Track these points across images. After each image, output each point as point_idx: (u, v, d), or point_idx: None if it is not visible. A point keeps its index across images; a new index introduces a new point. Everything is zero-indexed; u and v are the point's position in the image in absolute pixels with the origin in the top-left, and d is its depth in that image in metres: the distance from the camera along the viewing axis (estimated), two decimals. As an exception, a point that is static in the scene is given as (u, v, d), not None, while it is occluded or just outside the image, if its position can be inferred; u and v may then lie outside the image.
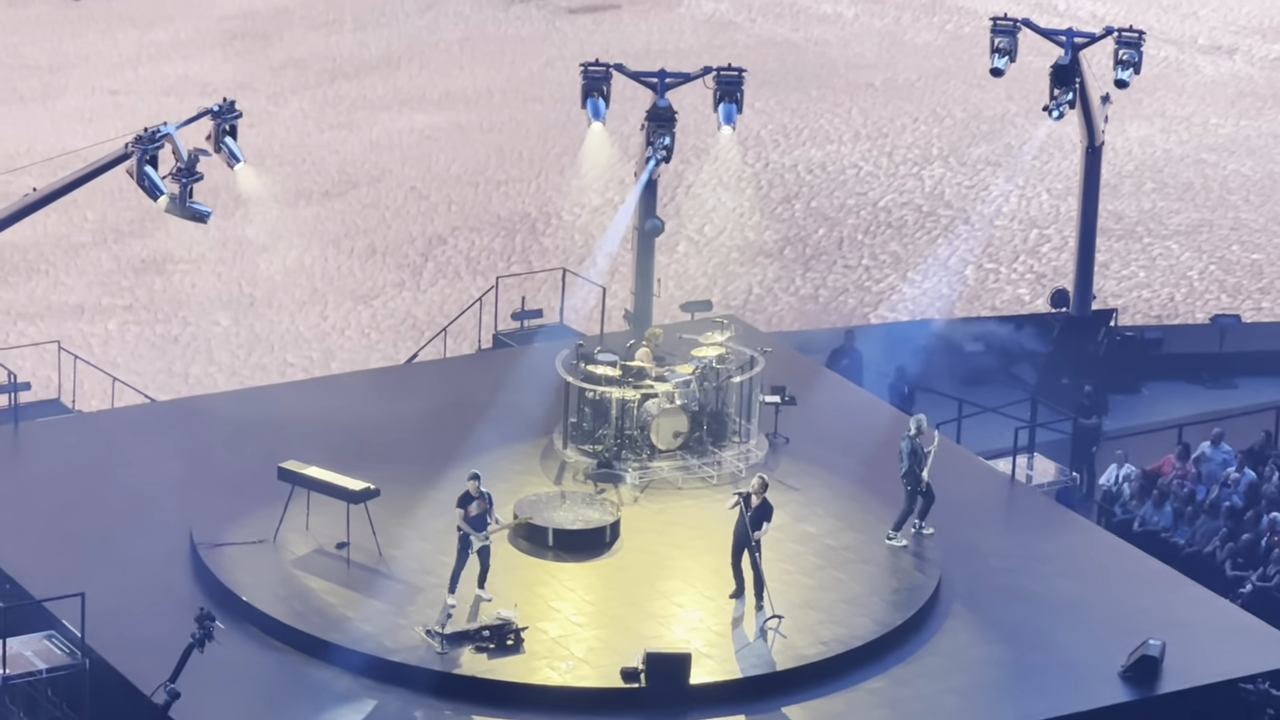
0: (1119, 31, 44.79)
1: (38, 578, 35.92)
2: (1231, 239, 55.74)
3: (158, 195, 40.26)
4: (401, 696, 33.59)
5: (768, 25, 72.38)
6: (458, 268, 53.08)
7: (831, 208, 57.27)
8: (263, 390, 44.80)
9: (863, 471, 40.19)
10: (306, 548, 37.16)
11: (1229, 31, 71.93)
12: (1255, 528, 40.45)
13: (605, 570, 37.34)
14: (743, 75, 44.32)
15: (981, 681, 35.15)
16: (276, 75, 67.85)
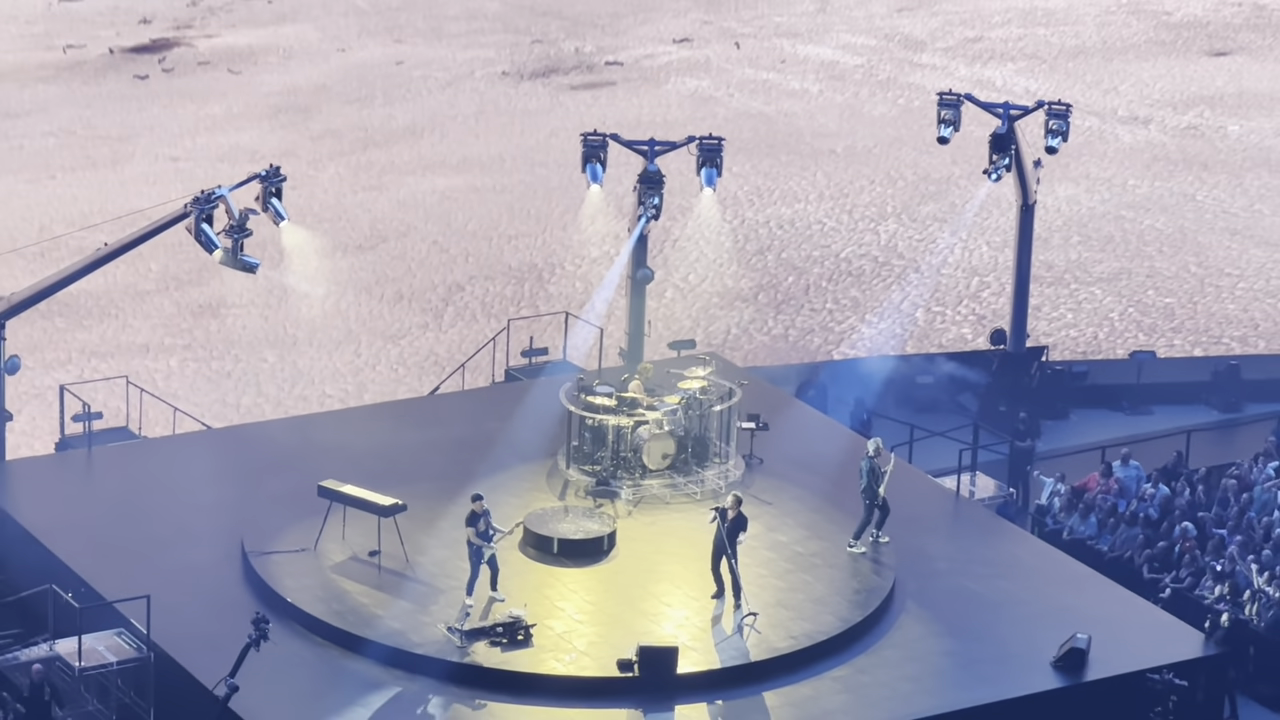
0: (1049, 105, 45.28)
1: (109, 582, 36.15)
2: (1147, 285, 56.17)
3: (213, 249, 40.83)
4: (425, 685, 33.93)
5: (743, 100, 72.63)
6: (474, 311, 53.45)
7: (799, 258, 57.70)
8: (304, 418, 45.25)
9: (827, 488, 40.36)
10: (343, 555, 37.46)
11: (1144, 104, 72.38)
12: (1169, 536, 40.87)
13: (603, 574, 37.67)
14: (722, 143, 44.82)
15: (931, 670, 35.53)
16: (315, 144, 68.06)
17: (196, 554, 38.07)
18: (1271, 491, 42.62)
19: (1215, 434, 46.29)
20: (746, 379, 44.09)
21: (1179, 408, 48.06)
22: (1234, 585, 39.08)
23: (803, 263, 57.38)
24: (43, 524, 39.10)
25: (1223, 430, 46.79)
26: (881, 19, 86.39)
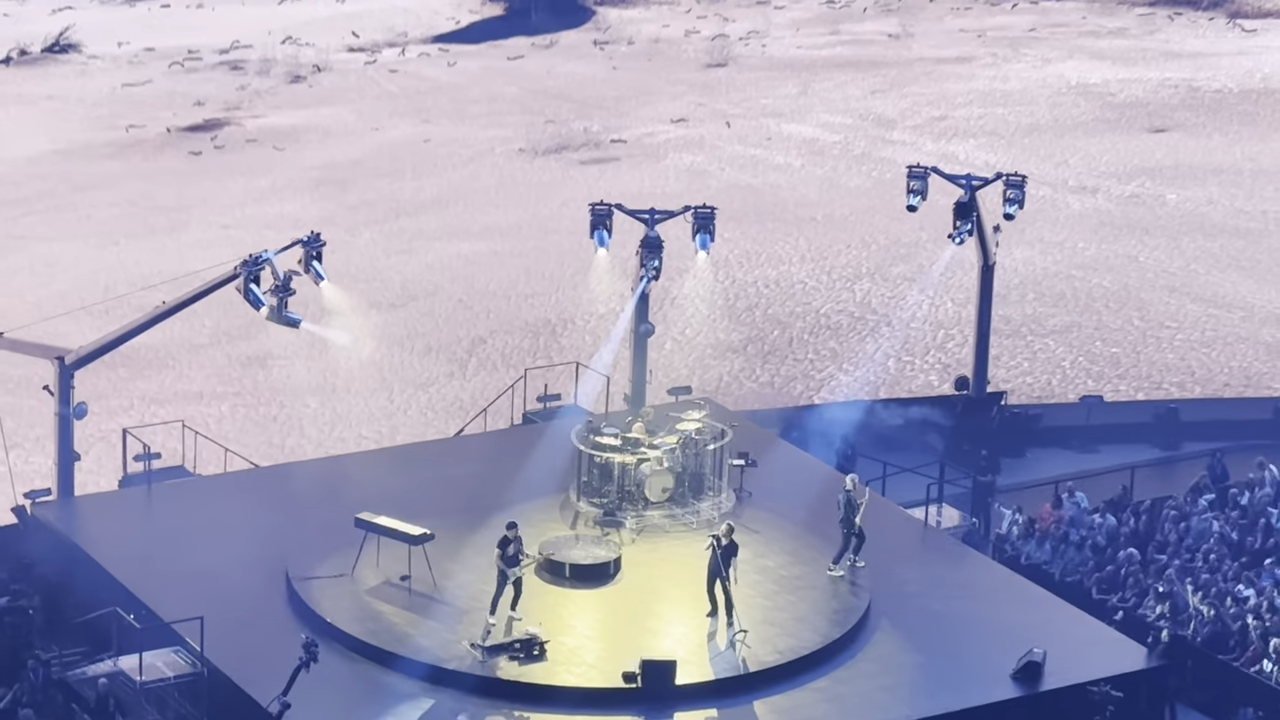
0: (1007, 176, 45.27)
1: (166, 604, 36.14)
2: (1095, 337, 56.19)
3: (259, 306, 40.90)
4: (452, 696, 33.98)
5: (734, 173, 72.74)
6: (494, 362, 53.46)
7: (783, 314, 57.73)
8: (342, 458, 45.26)
9: (808, 518, 40.30)
10: (377, 580, 37.40)
11: (1092, 176, 72.53)
12: (1115, 561, 40.86)
13: (610, 596, 37.61)
14: (714, 212, 44.87)
15: (903, 681, 35.55)
16: (352, 213, 68.20)
17: (245, 579, 38.10)
18: (1206, 521, 42.63)
19: (1156, 470, 46.26)
20: (737, 422, 44.08)
21: (1124, 446, 47.96)
22: (1173, 605, 39.06)
23: (786, 318, 57.44)
24: (107, 553, 39.14)
25: (1163, 467, 46.75)
26: (856, 100, 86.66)
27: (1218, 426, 48.87)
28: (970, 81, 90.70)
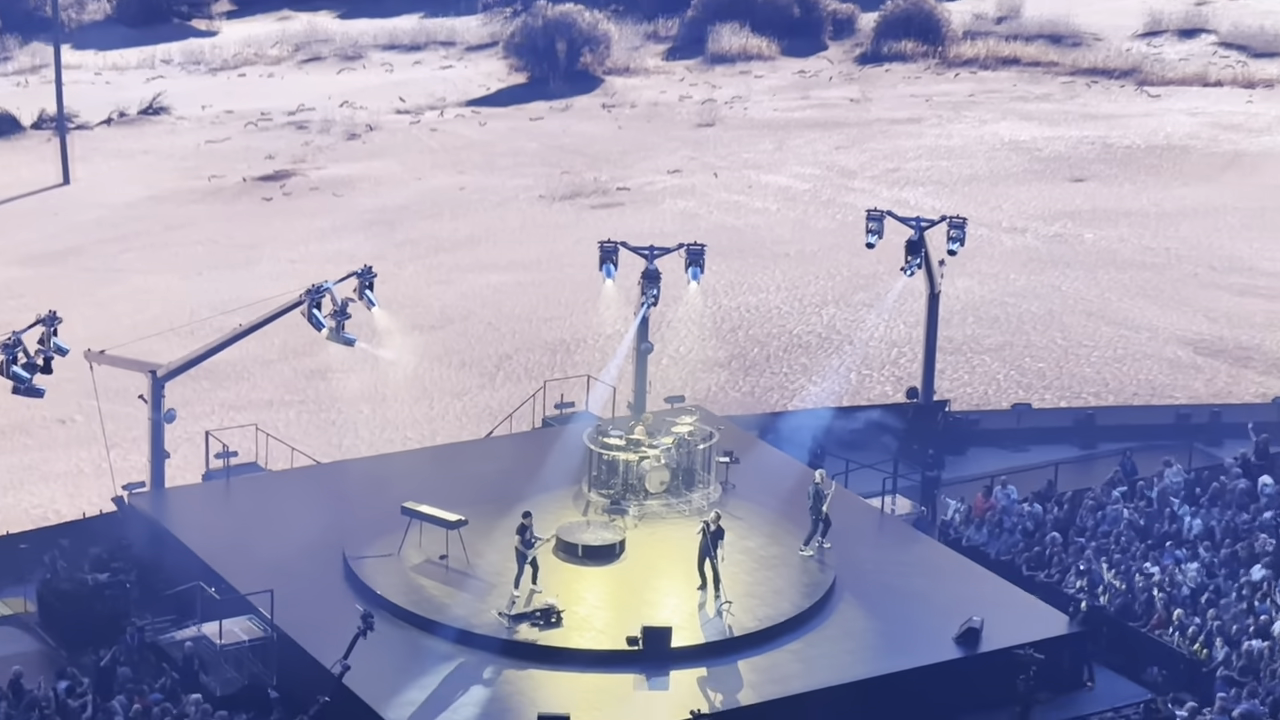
0: (950, 219, 45.31)
1: (243, 579, 36.58)
2: (1024, 354, 56.12)
3: (320, 328, 41.03)
4: (481, 657, 34.53)
5: (720, 216, 72.70)
6: (518, 375, 53.41)
7: (762, 335, 57.67)
8: (390, 456, 45.38)
9: (783, 506, 40.60)
10: (419, 558, 37.76)
11: (1021, 218, 72.52)
12: (1041, 543, 40.87)
13: (616, 572, 37.96)
14: (704, 248, 44.93)
15: (863, 644, 36.09)
16: (398, 249, 68.17)
17: (308, 558, 38.52)
18: (1118, 510, 42.72)
19: (1076, 466, 46.36)
20: (722, 425, 44.64)
21: (1048, 446, 47.98)
22: (1090, 580, 39.21)
23: (764, 338, 57.44)
24: (192, 536, 39.36)
25: (1082, 464, 46.86)
26: (824, 155, 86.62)
27: (1127, 430, 48.94)
28: (919, 139, 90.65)
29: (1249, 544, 40.40)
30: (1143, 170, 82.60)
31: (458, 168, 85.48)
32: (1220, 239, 70.18)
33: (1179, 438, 47.97)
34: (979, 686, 34.69)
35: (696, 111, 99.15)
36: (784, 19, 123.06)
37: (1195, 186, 79.32)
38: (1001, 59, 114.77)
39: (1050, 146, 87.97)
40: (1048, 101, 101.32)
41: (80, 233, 74.76)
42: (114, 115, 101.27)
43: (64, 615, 37.69)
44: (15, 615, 38.74)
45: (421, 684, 33.31)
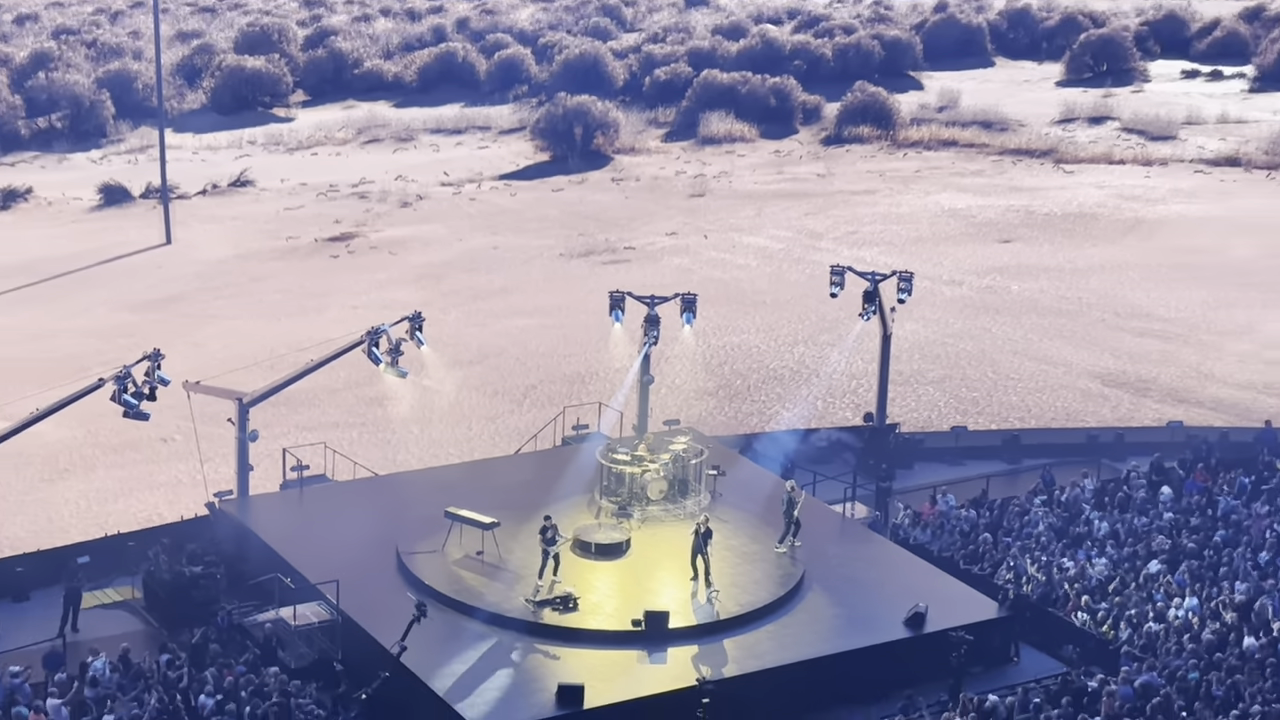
0: (899, 273, 45.28)
1: (313, 571, 36.69)
2: (961, 385, 56.22)
3: (378, 363, 41.26)
4: (511, 636, 34.67)
5: (709, 270, 72.94)
6: (542, 402, 53.49)
7: (743, 369, 57.80)
8: (436, 469, 45.42)
9: (761, 511, 40.58)
10: (460, 553, 37.79)
11: (959, 273, 72.71)
12: (975, 542, 40.85)
13: (623, 566, 38.00)
14: (695, 298, 45.11)
15: (828, 626, 36.16)
16: (444, 297, 68.30)
17: (367, 553, 38.64)
18: (1039, 515, 42.79)
19: (1004, 479, 46.42)
20: (711, 444, 45.01)
21: (981, 462, 48.04)
22: (1016, 573, 39.19)
23: (746, 371, 57.61)
24: (272, 535, 39.51)
25: (1009, 476, 46.89)
26: (795, 220, 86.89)
27: (1047, 449, 49.04)
28: (874, 207, 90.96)
29: (1147, 543, 40.52)
30: (1059, 233, 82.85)
31: (492, 230, 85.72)
32: (1123, 290, 70.30)
33: (1089, 455, 47.90)
34: (923, 661, 34.62)
35: (689, 184, 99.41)
36: (762, 107, 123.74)
37: (1102, 247, 79.56)
38: (942, 141, 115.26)
39: (982, 214, 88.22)
40: (980, 176, 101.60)
41: (179, 284, 74.95)
42: (208, 187, 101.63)
43: (165, 601, 37.82)
44: (125, 601, 38.88)
45: (462, 659, 33.37)
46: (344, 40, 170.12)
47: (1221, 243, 79.79)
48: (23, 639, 36.20)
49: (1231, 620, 36.30)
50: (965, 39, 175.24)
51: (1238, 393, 55.52)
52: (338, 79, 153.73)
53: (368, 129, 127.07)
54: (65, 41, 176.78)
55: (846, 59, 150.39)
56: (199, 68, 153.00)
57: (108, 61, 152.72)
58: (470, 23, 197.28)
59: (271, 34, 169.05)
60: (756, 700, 32.74)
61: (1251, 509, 42.74)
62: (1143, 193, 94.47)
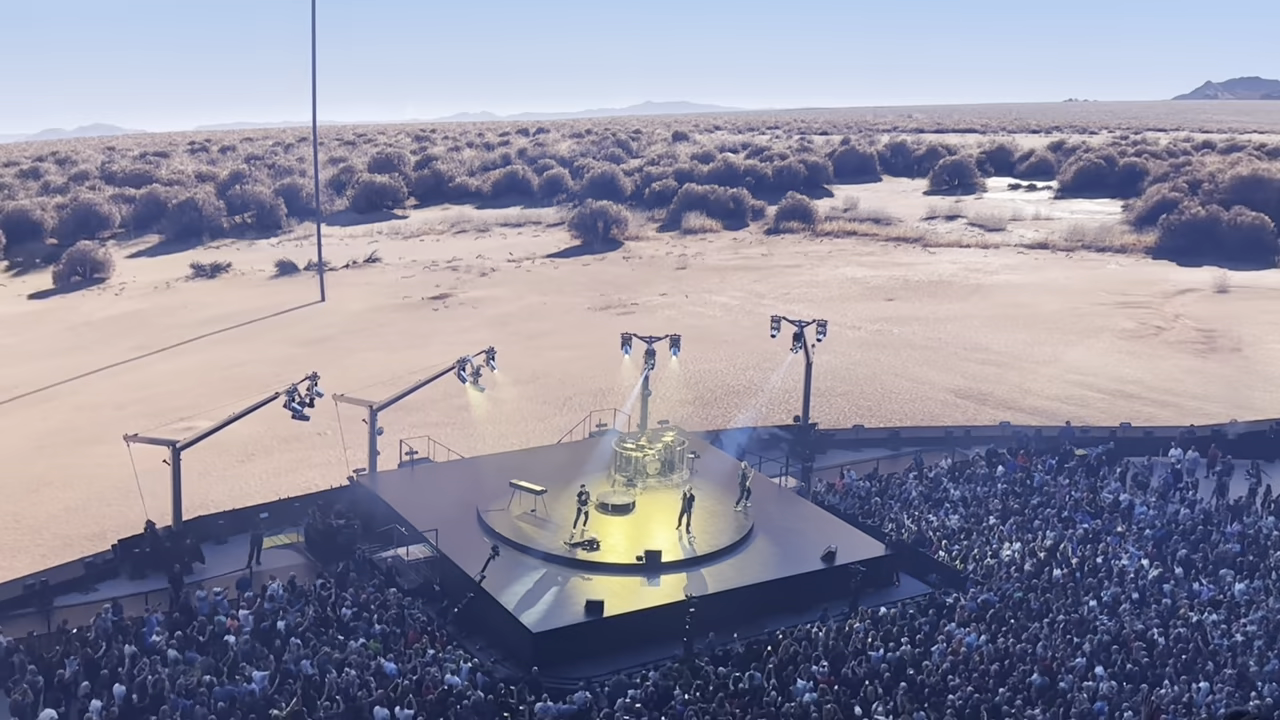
0: (817, 321, 45.24)
1: (420, 522, 36.47)
2: (860, 398, 55.84)
3: (464, 381, 41.22)
4: (555, 568, 34.33)
5: (689, 319, 72.83)
6: (575, 408, 53.23)
7: (712, 386, 57.53)
8: (503, 454, 44.88)
9: (725, 482, 40.14)
10: (519, 511, 37.51)
11: (858, 321, 72.55)
12: (869, 504, 40.65)
13: (631, 520, 37.63)
14: (680, 337, 44.89)
15: (769, 560, 35.75)
16: (509, 337, 68.25)
17: (457, 511, 38.41)
18: (912, 485, 42.67)
19: (889, 461, 46.23)
20: (690, 437, 44.42)
21: (874, 449, 47.78)
22: (897, 525, 38.98)
23: (714, 388, 57.54)
24: (392, 498, 39.40)
25: (892, 459, 46.67)
26: (746, 285, 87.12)
27: (919, 441, 48.73)
28: (800, 276, 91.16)
29: (986, 505, 40.48)
30: (925, 294, 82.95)
31: (541, 292, 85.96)
32: (969, 332, 70.29)
33: (947, 445, 47.76)
34: (833, 585, 34.47)
35: (675, 260, 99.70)
36: (725, 210, 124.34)
37: (955, 303, 79.57)
38: (846, 231, 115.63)
39: (874, 280, 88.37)
40: (872, 255, 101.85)
41: (330, 329, 75.07)
42: (350, 262, 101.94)
43: (319, 543, 37.74)
44: (292, 544, 38.82)
45: (521, 583, 33.17)
46: (442, 163, 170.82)
47: (1035, 300, 79.88)
48: (222, 569, 36.28)
49: (1043, 557, 36.31)
50: (862, 163, 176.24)
51: (1047, 403, 55.48)
52: (438, 189, 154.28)
53: (458, 223, 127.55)
54: (254, 164, 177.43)
55: (782, 176, 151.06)
56: (344, 182, 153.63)
57: (282, 178, 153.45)
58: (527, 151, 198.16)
59: (393, 159, 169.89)
60: (722, 611, 32.64)
61: (1056, 481, 42.79)
62: (982, 266, 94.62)
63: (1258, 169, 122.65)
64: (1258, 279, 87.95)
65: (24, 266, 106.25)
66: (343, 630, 31.42)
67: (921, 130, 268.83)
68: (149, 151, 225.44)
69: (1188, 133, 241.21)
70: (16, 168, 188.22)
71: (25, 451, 50.34)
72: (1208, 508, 40.38)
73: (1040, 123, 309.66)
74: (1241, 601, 33.14)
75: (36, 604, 33.35)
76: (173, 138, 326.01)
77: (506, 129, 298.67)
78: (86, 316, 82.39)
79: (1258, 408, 53.56)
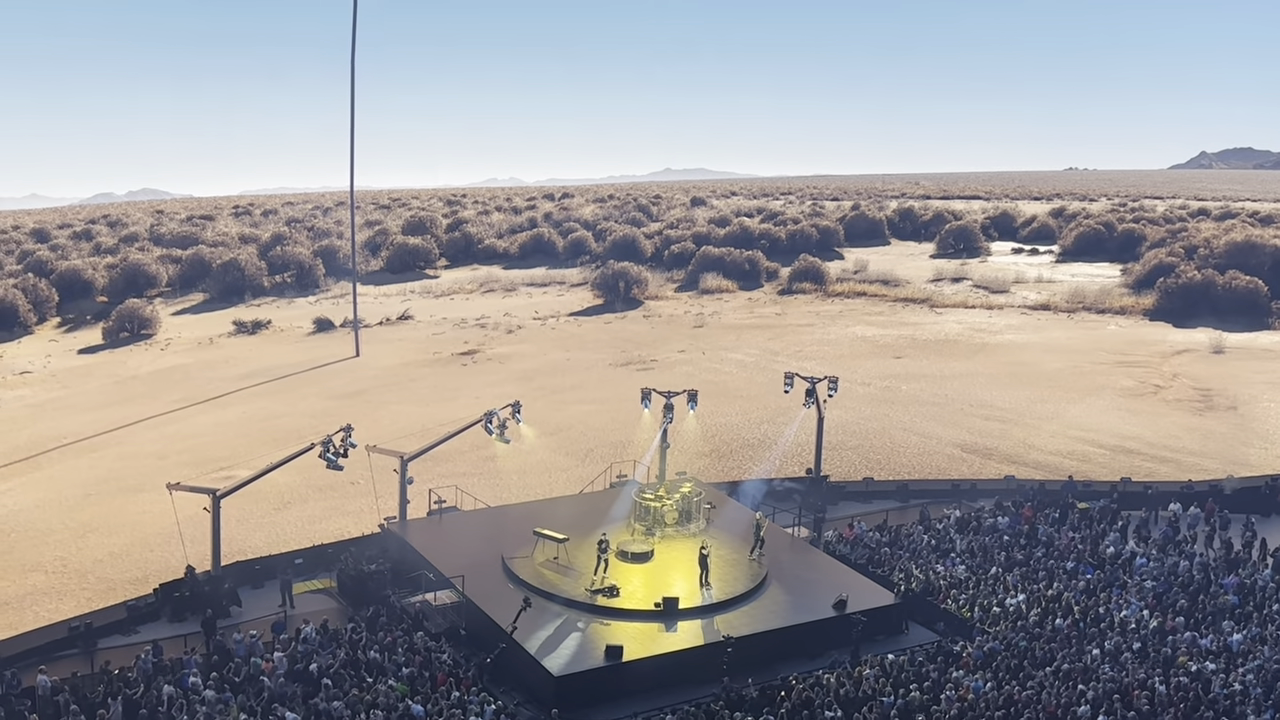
0: (829, 378, 45.24)
1: (448, 569, 36.45)
2: (870, 452, 55.53)
3: (491, 434, 41.34)
4: (576, 613, 34.11)
5: (706, 375, 72.65)
6: (597, 459, 53.18)
7: (728, 439, 57.29)
8: (527, 503, 44.97)
9: (740, 532, 40.12)
10: (543, 558, 37.48)
11: (868, 377, 72.20)
12: (879, 554, 40.43)
13: (650, 568, 37.51)
14: (697, 392, 45.11)
15: (783, 607, 35.41)
16: (534, 391, 68.21)
17: (483, 558, 38.39)
18: (921, 536, 42.44)
19: (897, 513, 45.95)
20: (706, 488, 44.32)
21: (883, 501, 47.54)
22: (906, 574, 38.73)
23: (729, 441, 57.34)
24: (421, 545, 39.39)
25: (900, 511, 46.40)
26: (761, 343, 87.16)
27: (926, 493, 48.50)
28: (812, 334, 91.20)
29: (991, 556, 40.22)
30: (932, 352, 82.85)
31: (565, 348, 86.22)
32: (974, 389, 70.05)
33: (953, 497, 47.55)
34: (844, 633, 34.20)
35: (693, 319, 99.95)
36: (741, 271, 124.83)
37: (961, 361, 79.41)
38: (857, 292, 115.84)
39: (882, 339, 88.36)
40: (881, 315, 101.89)
41: (364, 382, 75.38)
42: (384, 320, 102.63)
43: (351, 588, 37.73)
44: (325, 588, 38.83)
45: (545, 628, 33.07)
46: (472, 226, 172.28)
47: (1038, 359, 79.62)
48: (259, 613, 36.31)
49: (1046, 607, 35.98)
50: (871, 227, 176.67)
51: (1050, 457, 55.16)
52: (468, 250, 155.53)
53: (486, 283, 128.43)
54: (294, 226, 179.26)
55: (795, 239, 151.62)
56: (379, 243, 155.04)
57: (321, 239, 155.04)
58: (553, 215, 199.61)
59: (425, 222, 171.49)
60: (737, 656, 32.37)
61: (1060, 533, 42.48)
62: (987, 327, 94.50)
63: (1251, 235, 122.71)
64: (1252, 340, 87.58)
65: (75, 323, 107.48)
66: (371, 672, 31.34)
67: (928, 196, 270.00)
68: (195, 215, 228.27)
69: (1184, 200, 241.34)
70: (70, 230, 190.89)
71: (73, 499, 50.65)
72: (1206, 560, 40.00)
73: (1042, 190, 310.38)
74: (1239, 651, 32.73)
75: (80, 645, 33.47)
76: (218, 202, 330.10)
77: (533, 193, 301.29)
78: (133, 370, 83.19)
79: (1253, 464, 53.16)
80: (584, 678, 30.77)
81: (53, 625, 34.56)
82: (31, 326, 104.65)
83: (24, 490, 52.07)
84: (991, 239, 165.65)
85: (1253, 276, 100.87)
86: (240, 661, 31.57)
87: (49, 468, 56.18)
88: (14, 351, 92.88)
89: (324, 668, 31.17)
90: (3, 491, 51.91)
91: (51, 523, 47.08)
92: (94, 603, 37.56)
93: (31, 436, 62.60)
